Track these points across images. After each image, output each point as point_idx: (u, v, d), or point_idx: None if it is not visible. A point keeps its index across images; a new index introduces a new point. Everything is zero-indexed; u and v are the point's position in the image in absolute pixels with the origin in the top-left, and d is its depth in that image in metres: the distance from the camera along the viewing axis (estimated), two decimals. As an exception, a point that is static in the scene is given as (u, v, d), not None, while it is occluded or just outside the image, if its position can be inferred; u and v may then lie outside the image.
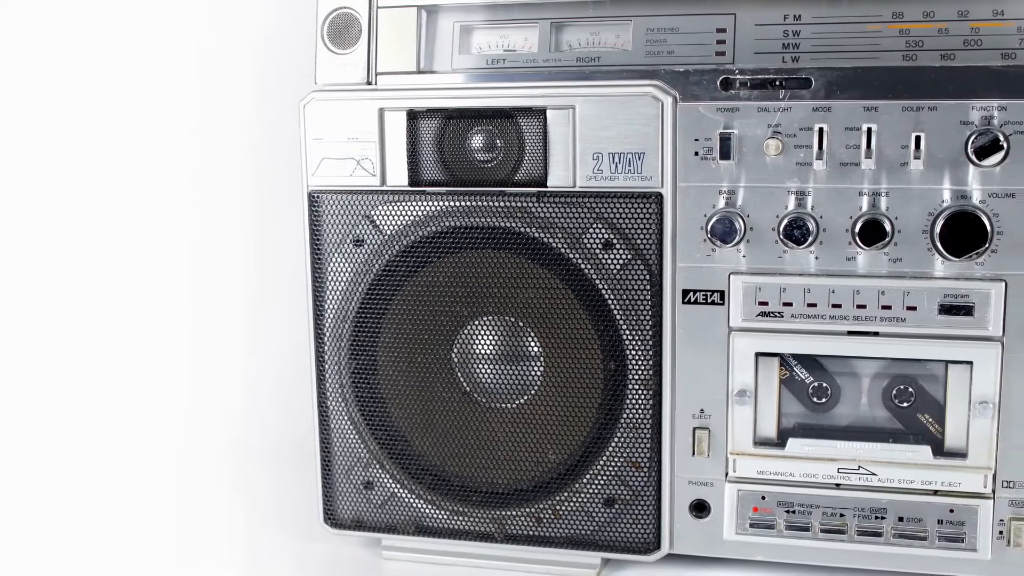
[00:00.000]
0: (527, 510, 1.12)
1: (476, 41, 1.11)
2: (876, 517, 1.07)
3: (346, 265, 1.11)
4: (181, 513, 1.32)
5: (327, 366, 1.13)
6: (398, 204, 1.10)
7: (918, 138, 1.01)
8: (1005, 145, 0.99)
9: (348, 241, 1.11)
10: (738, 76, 1.03)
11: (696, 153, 1.04)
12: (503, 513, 1.13)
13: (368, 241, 1.10)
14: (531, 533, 1.12)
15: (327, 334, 1.13)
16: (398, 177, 1.10)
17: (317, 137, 1.11)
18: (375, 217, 1.10)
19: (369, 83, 1.11)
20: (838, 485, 1.07)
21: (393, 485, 1.14)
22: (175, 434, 1.58)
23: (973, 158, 0.99)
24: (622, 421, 1.09)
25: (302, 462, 1.25)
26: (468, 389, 1.12)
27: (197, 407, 1.62)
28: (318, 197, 1.12)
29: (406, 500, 1.15)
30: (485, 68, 1.11)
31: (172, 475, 1.45)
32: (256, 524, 1.27)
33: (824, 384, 1.08)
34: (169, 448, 1.54)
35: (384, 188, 1.10)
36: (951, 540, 1.06)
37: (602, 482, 1.10)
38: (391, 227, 1.10)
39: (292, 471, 1.38)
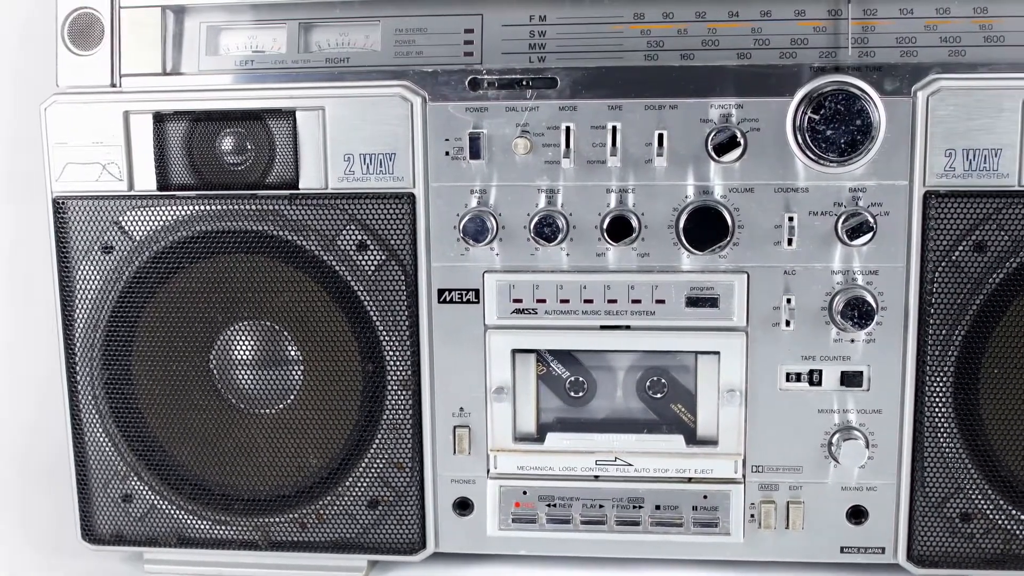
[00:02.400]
0: (291, 516, 1.11)
1: (224, 42, 1.09)
2: (634, 507, 1.09)
3: (95, 272, 1.08)
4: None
5: (79, 376, 1.10)
6: (147, 209, 1.07)
7: (661, 136, 1.03)
8: (742, 142, 1.01)
9: (96, 248, 1.08)
10: (486, 76, 1.04)
11: (447, 153, 1.04)
12: (267, 520, 1.11)
13: (117, 247, 1.07)
14: (296, 539, 1.11)
15: (78, 344, 1.09)
16: (146, 181, 1.07)
17: (60, 141, 1.07)
18: (124, 223, 1.07)
19: (114, 85, 1.08)
20: (597, 477, 1.09)
21: (153, 497, 1.12)
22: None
23: (713, 154, 1.02)
24: (383, 422, 1.08)
25: (57, 476, 1.21)
26: (227, 396, 1.10)
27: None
28: (63, 203, 1.08)
29: (167, 511, 1.12)
30: (233, 70, 1.09)
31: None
32: (10, 543, 1.22)
33: (581, 378, 1.09)
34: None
35: (132, 193, 1.07)
36: (706, 525, 1.09)
37: (365, 484, 1.09)
38: (141, 233, 1.07)
39: (47, 486, 1.33)
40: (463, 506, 1.10)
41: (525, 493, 1.09)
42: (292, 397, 1.09)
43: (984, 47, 1.03)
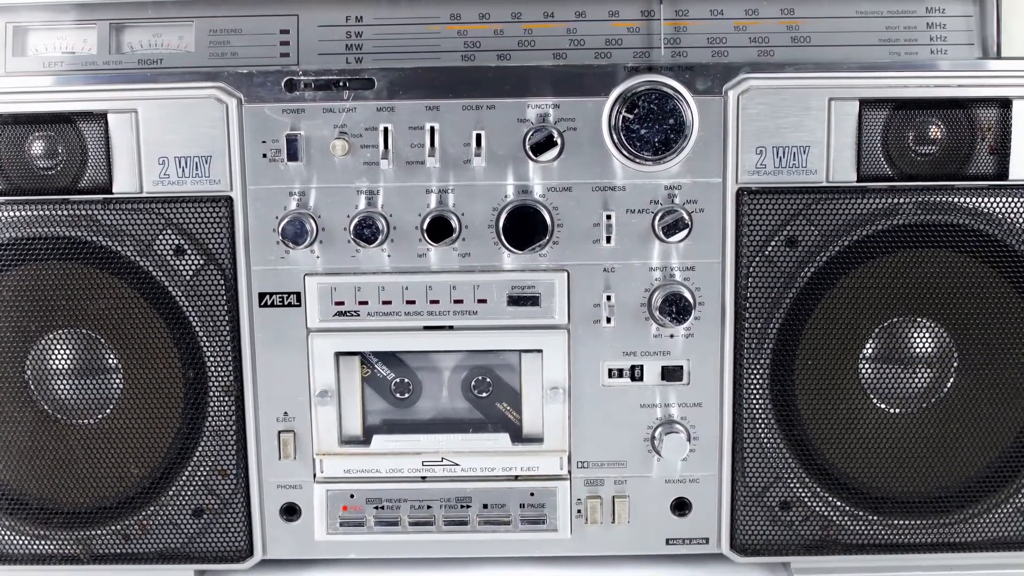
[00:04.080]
0: (114, 528, 1.09)
1: (32, 43, 1.06)
2: (462, 506, 1.09)
3: (-99, 284, 1.04)
4: None
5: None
6: (-48, 217, 1.03)
7: (479, 136, 1.03)
8: (559, 141, 1.02)
9: (-100, 259, 1.04)
10: (302, 77, 1.03)
11: (264, 155, 1.03)
12: (88, 533, 1.09)
13: (-79, 257, 1.04)
14: (119, 551, 1.09)
15: None
16: (-50, 188, 1.03)
17: None
18: (-71, 231, 1.03)
19: (-85, 89, 1.04)
20: (424, 478, 1.09)
21: (-34, 513, 1.08)
22: None
23: (530, 154, 1.02)
24: (205, 429, 1.07)
25: None
26: (44, 407, 1.07)
27: None
28: None
29: (-19, 528, 1.09)
30: (42, 71, 1.06)
31: None
32: None
33: (406, 379, 1.09)
34: None
35: (-64, 200, 1.04)
36: (533, 522, 1.09)
37: (189, 493, 1.08)
38: (-54, 242, 1.03)
39: None
40: (290, 512, 1.09)
41: (352, 496, 1.08)
42: (112, 406, 1.06)
43: (791, 47, 1.05)
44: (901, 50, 1.06)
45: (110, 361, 1.07)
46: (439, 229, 1.04)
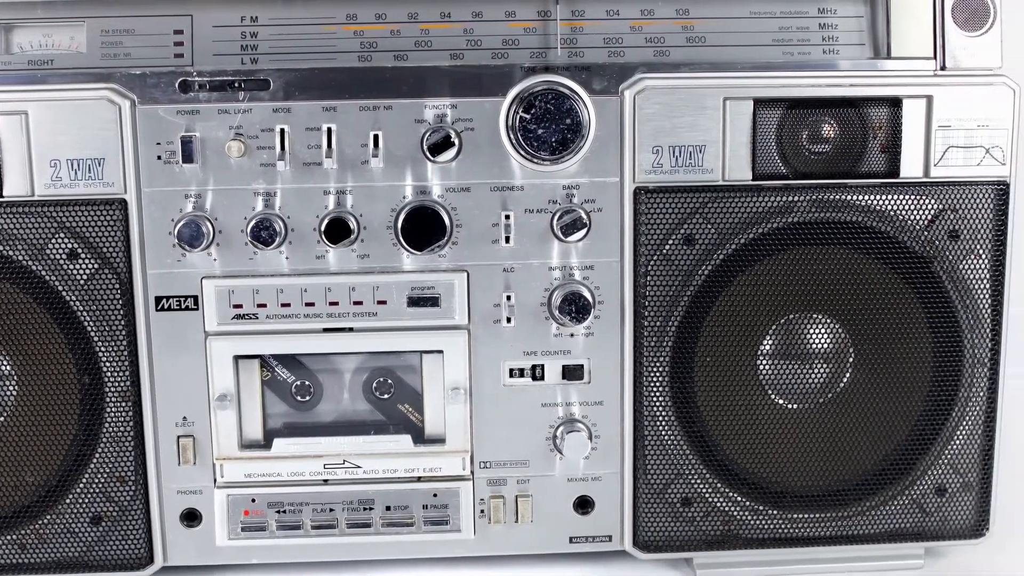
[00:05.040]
0: (9, 537, 1.07)
1: (-82, 44, 1.04)
2: (364, 509, 1.09)
3: None
4: None
5: None
6: None
7: (376, 136, 1.02)
8: (457, 142, 1.02)
9: None
10: (196, 78, 1.02)
11: (159, 157, 1.02)
12: (-18, 542, 1.06)
13: None
14: (15, 561, 1.07)
15: None
16: None
17: None
18: None
19: None
20: (326, 481, 1.08)
21: None
22: None
23: (428, 155, 1.02)
24: (103, 436, 1.06)
25: None
26: (-66, 415, 1.04)
27: None
28: None
29: None
30: (-71, 74, 1.04)
31: None
32: None
33: (307, 382, 1.08)
34: None
35: None
36: (437, 523, 1.09)
37: (87, 500, 1.06)
38: None
39: None
40: (191, 517, 1.08)
41: (254, 501, 1.08)
42: (6, 414, 1.04)
43: (687, 47, 1.06)
44: (794, 50, 1.07)
45: (3, 367, 1.05)
46: (337, 230, 1.03)
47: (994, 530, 1.13)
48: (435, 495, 1.09)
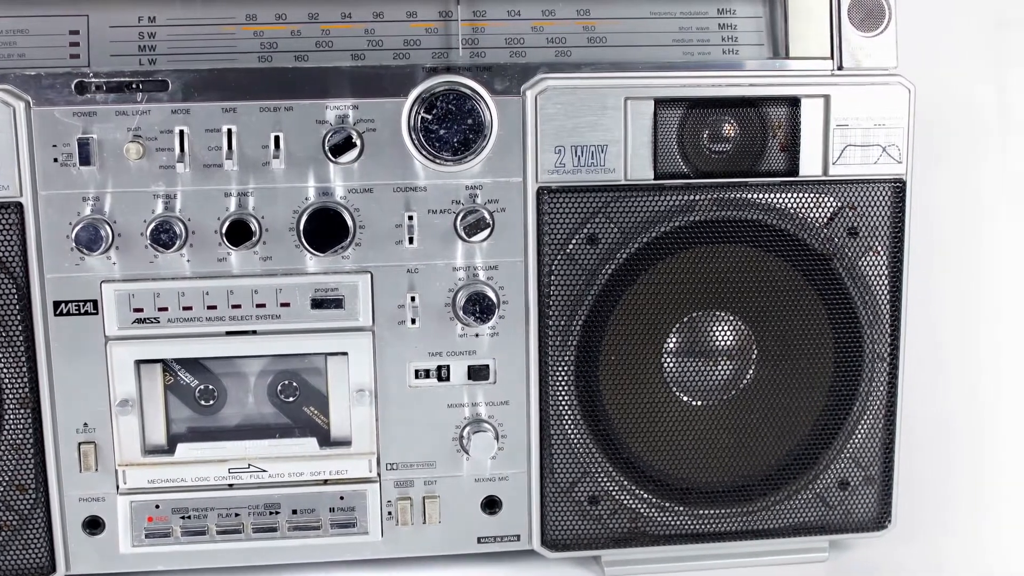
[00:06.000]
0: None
1: None
2: (271, 513, 1.08)
3: None
4: None
5: None
6: None
7: (277, 138, 1.02)
8: (359, 143, 1.02)
9: None
10: (93, 79, 1.01)
11: (56, 160, 1.01)
12: None
13: None
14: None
15: None
16: None
17: None
18: None
19: None
20: (231, 485, 1.07)
21: None
22: None
23: (330, 156, 1.02)
24: (1, 444, 1.05)
25: None
26: None
27: None
28: None
29: None
30: None
31: None
32: None
33: (210, 386, 1.07)
34: None
35: None
36: (344, 526, 1.09)
37: (-15, 509, 1.04)
38: None
39: None
40: (93, 525, 1.07)
41: (158, 507, 1.07)
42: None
43: (588, 47, 1.07)
44: (695, 50, 1.08)
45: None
46: (239, 232, 1.02)
47: (896, 522, 1.14)
48: (342, 498, 1.09)
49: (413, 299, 1.06)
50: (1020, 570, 1.15)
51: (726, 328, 1.10)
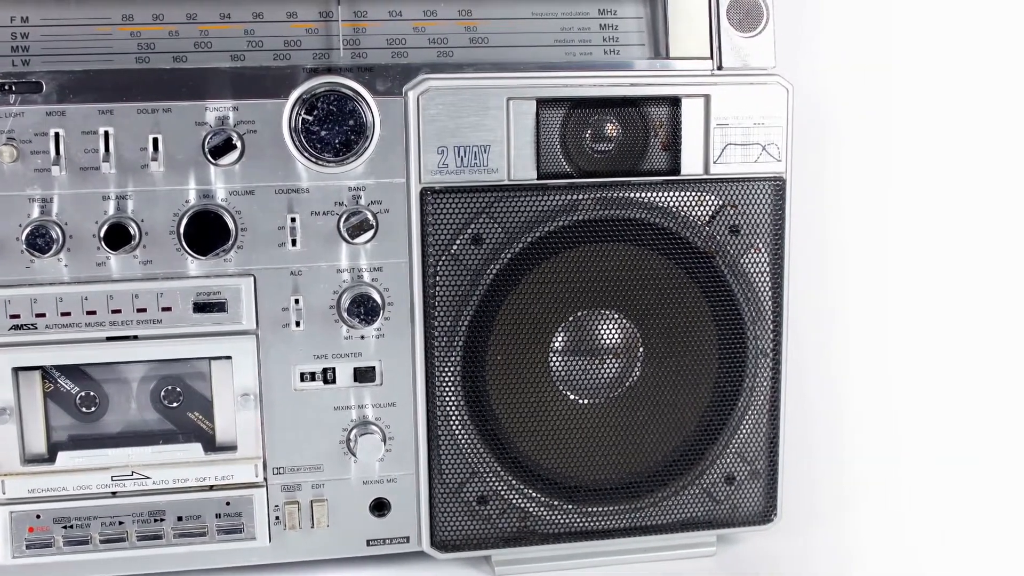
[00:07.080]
0: None
1: None
2: (155, 520, 1.07)
3: None
4: None
5: None
6: None
7: (156, 140, 1.01)
8: (239, 144, 1.01)
9: None
10: (-37, 81, 0.98)
11: (-76, 164, 0.98)
12: None
13: None
14: None
15: None
16: None
17: None
18: None
19: None
20: (114, 493, 1.06)
21: None
22: None
23: (210, 158, 1.01)
24: None
25: None
26: None
27: None
28: None
29: None
30: None
31: None
32: None
33: (92, 393, 1.06)
34: None
35: None
36: (230, 532, 1.08)
37: None
38: None
39: None
40: (-31, 536, 1.04)
41: (39, 517, 1.05)
42: None
43: (470, 48, 1.07)
44: (576, 50, 1.09)
45: None
46: (117, 236, 1.01)
47: (782, 515, 1.15)
48: (228, 503, 1.08)
49: (297, 302, 1.05)
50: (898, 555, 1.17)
51: (612, 326, 1.10)
